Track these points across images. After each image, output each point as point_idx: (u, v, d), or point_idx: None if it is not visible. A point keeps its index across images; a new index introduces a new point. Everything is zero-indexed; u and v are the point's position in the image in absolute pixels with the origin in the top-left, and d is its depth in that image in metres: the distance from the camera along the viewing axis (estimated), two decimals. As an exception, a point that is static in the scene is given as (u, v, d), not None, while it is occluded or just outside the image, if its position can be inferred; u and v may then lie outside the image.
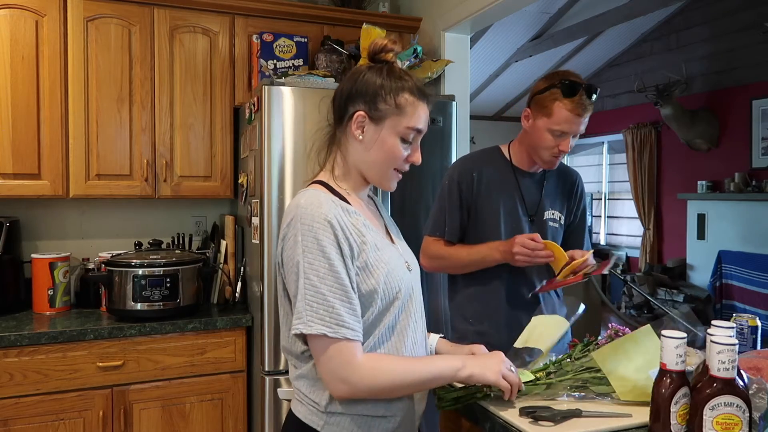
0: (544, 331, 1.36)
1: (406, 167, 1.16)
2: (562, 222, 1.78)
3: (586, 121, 1.59)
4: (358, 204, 1.15)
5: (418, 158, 1.16)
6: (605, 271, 1.57)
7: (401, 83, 1.11)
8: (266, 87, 2.04)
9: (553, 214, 1.75)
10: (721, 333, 0.97)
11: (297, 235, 1.03)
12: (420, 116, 1.12)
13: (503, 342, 1.41)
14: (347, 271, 1.03)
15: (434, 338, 1.31)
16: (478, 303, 1.71)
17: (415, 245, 1.34)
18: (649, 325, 1.22)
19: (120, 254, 2.25)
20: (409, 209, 2.33)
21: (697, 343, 1.30)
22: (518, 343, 1.34)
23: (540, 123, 1.60)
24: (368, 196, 1.27)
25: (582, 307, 1.47)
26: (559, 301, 1.76)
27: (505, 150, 1.77)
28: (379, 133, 1.11)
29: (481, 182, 1.69)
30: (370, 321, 1.07)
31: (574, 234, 1.82)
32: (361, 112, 1.11)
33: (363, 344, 1.05)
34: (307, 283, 1.01)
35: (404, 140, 1.12)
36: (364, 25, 2.33)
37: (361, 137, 1.12)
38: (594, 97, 1.57)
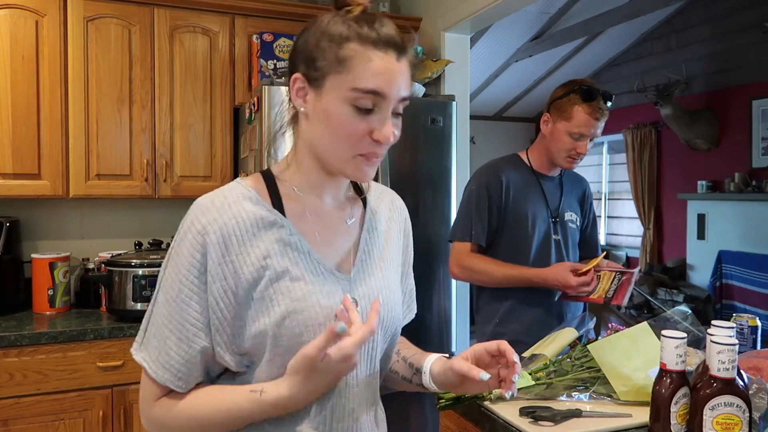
0: (555, 339, 1.38)
1: (375, 148, 0.82)
2: (578, 224, 1.86)
3: (602, 126, 1.67)
4: (299, 210, 0.87)
5: (387, 133, 0.80)
6: (630, 290, 1.61)
7: (347, 28, 0.80)
8: (266, 87, 2.04)
9: (571, 215, 1.83)
10: (721, 333, 0.97)
11: (174, 240, 0.83)
12: (374, 72, 0.78)
13: (528, 344, 1.45)
14: (214, 303, 0.79)
15: (429, 360, 0.94)
16: (510, 303, 1.74)
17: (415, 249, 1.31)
18: (645, 322, 1.22)
19: (120, 254, 2.25)
20: (412, 215, 2.33)
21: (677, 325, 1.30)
22: (527, 353, 1.35)
23: (559, 126, 1.68)
24: (361, 196, 0.97)
25: (594, 320, 1.53)
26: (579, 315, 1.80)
27: (523, 156, 1.83)
28: (321, 100, 0.81)
29: (509, 186, 1.74)
30: (255, 374, 0.82)
31: (589, 240, 1.92)
32: (298, 75, 0.83)
33: None
34: (155, 300, 0.82)
35: (359, 109, 0.79)
36: (364, 25, 2.33)
37: (303, 108, 0.84)
38: (609, 103, 1.66)
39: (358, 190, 0.98)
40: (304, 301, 0.80)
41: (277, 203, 0.85)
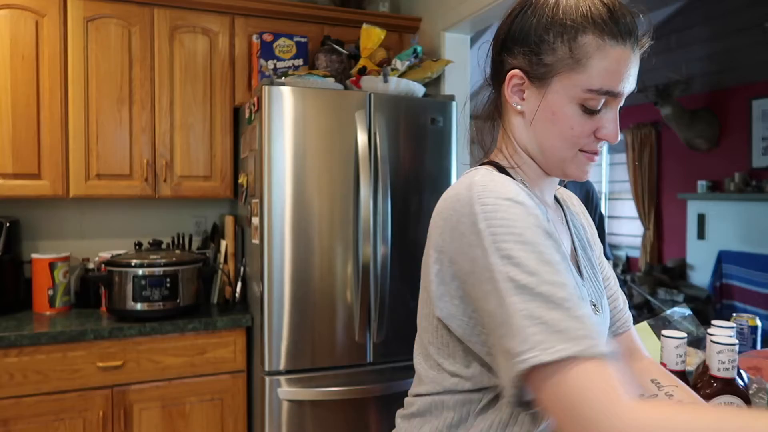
0: None
1: (597, 146, 0.76)
2: None
3: None
4: (541, 206, 0.77)
5: (613, 132, 0.74)
6: None
7: (582, 15, 0.70)
8: (266, 87, 2.04)
9: None
10: (721, 333, 0.97)
11: (477, 223, 0.64)
12: (611, 71, 0.70)
13: None
14: (566, 264, 0.66)
15: None
16: None
17: (412, 252, 1.32)
18: (645, 322, 1.22)
19: (120, 254, 2.25)
20: (412, 215, 2.33)
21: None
22: None
23: None
24: (555, 198, 0.91)
25: None
26: None
27: None
28: (544, 99, 0.73)
29: None
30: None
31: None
32: (517, 72, 0.74)
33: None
34: (513, 287, 0.60)
35: (587, 108, 0.72)
36: (364, 25, 2.33)
37: (519, 107, 0.76)
38: None
39: None
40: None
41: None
